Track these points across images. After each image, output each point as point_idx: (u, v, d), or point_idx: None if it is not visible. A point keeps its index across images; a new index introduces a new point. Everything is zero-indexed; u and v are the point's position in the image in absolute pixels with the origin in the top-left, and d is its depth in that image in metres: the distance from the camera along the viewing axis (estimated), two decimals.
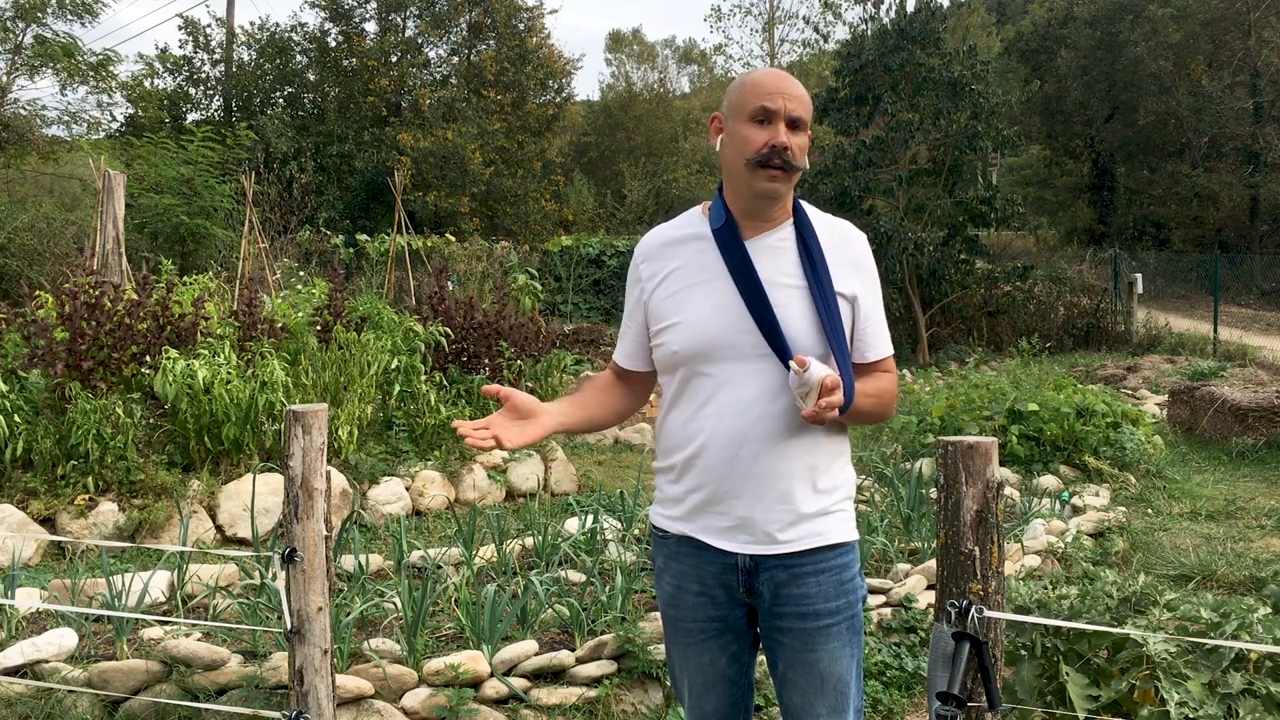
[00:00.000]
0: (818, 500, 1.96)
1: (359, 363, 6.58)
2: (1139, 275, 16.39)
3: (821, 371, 1.81)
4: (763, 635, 2.06)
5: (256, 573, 4.21)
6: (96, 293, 5.92)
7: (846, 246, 2.02)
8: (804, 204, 2.05)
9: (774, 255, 1.97)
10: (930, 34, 15.25)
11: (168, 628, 3.75)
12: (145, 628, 3.77)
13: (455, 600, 3.99)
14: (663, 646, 3.49)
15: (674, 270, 2.03)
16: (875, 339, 2.02)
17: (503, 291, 8.30)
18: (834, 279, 1.97)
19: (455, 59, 26.04)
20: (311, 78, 26.26)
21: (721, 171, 2.04)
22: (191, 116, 25.63)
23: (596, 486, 6.80)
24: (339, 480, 5.85)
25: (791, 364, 1.81)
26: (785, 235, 1.99)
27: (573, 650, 3.56)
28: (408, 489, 6.24)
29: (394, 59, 24.97)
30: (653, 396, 2.21)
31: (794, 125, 1.93)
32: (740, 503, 1.95)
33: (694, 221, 2.06)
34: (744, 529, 1.96)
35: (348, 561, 4.50)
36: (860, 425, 2.10)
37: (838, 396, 1.80)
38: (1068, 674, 2.86)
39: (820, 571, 1.96)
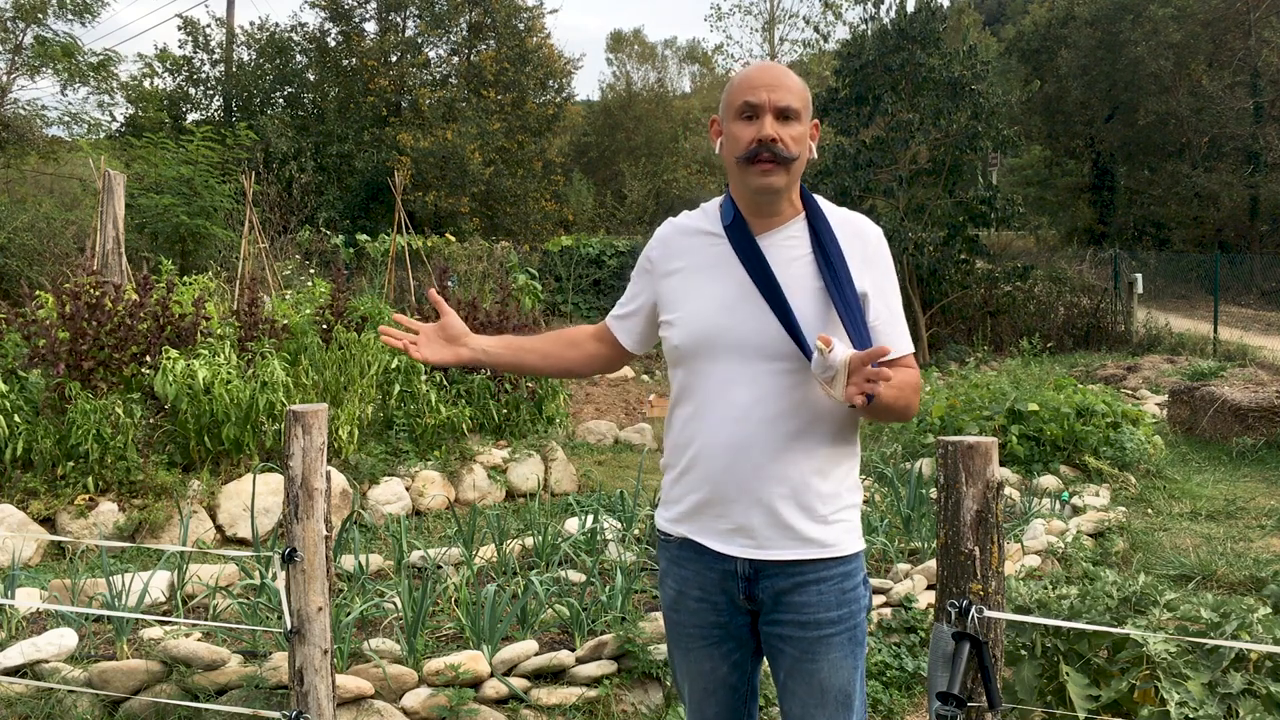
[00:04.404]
0: (819, 508, 1.90)
1: (359, 363, 6.58)
2: (1139, 275, 16.39)
3: (844, 352, 1.70)
4: (764, 643, 2.01)
5: (256, 573, 4.21)
6: (97, 293, 5.92)
7: (859, 241, 1.95)
8: (817, 197, 1.99)
9: (784, 251, 1.92)
10: (930, 34, 15.26)
11: (168, 628, 3.75)
12: (145, 628, 3.77)
13: (455, 600, 3.99)
14: (663, 646, 3.49)
15: (684, 262, 2.01)
16: (891, 335, 1.93)
17: (505, 291, 8.30)
18: None
19: (455, 59, 26.02)
20: (311, 78, 26.25)
21: (726, 172, 2.01)
22: (191, 116, 25.65)
23: (596, 486, 6.80)
24: (339, 480, 5.85)
25: (816, 343, 1.70)
26: (795, 232, 1.94)
27: (573, 650, 3.56)
28: (408, 489, 6.24)
29: (394, 59, 24.96)
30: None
31: (784, 115, 1.86)
32: (738, 507, 1.90)
33: (709, 215, 2.03)
34: (742, 533, 1.91)
35: (348, 561, 4.49)
36: (882, 421, 2.06)
37: (875, 370, 1.66)
38: (1068, 674, 2.86)
39: (821, 580, 1.92)
